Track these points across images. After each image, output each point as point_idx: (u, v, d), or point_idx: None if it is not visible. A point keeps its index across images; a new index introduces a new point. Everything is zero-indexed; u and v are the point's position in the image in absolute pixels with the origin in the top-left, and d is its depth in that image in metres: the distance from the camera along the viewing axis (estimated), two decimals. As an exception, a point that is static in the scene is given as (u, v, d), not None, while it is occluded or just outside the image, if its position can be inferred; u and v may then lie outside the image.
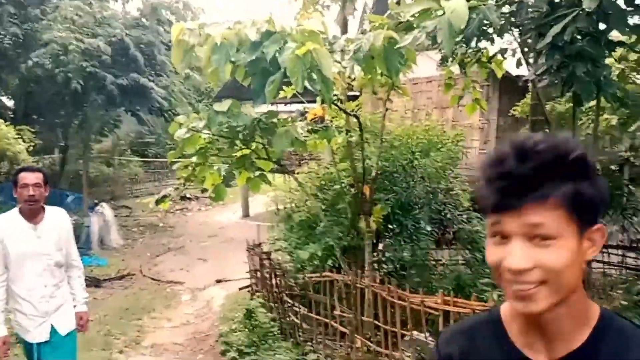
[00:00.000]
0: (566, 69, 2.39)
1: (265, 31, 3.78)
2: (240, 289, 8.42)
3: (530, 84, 8.43)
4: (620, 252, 7.98)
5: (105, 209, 12.94)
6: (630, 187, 10.27)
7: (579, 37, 2.42)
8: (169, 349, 6.35)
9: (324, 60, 3.44)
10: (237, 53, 3.94)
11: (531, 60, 3.84)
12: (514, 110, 10.86)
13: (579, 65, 2.32)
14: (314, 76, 3.76)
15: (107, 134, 16.08)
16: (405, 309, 4.01)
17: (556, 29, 2.30)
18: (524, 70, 9.90)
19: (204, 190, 17.45)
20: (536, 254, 0.89)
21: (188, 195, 18.83)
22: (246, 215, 16.33)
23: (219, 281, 9.53)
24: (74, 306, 3.57)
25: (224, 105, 4.30)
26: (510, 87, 11.79)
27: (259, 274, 7.35)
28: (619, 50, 3.66)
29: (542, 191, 0.89)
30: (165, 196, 5.00)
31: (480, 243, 7.05)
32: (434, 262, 7.22)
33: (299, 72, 3.39)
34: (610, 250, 7.65)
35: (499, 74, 6.43)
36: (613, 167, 8.90)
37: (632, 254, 8.04)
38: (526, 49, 3.71)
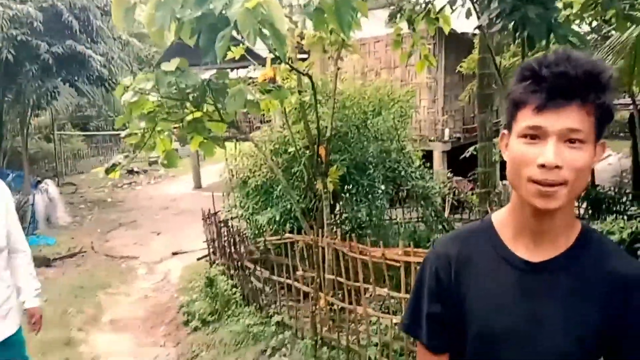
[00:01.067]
0: (518, 11, 2.44)
1: (212, -16, 3.60)
2: (198, 259, 8.33)
3: (477, 37, 8.53)
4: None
5: (50, 186, 12.39)
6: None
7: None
8: (129, 324, 6.24)
9: (275, 12, 3.32)
10: (182, 9, 3.76)
11: (481, 10, 3.85)
12: (460, 67, 11.01)
13: (530, 7, 2.38)
14: (266, 32, 3.64)
15: (45, 107, 15.25)
16: (367, 265, 4.06)
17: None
18: (469, 27, 10.01)
19: (151, 163, 16.87)
20: (566, 154, 1.00)
21: (136, 169, 18.32)
22: (198, 186, 16.05)
23: (175, 253, 9.37)
24: (23, 302, 2.93)
25: (171, 65, 4.11)
26: (455, 45, 11.94)
27: (216, 242, 7.28)
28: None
29: (586, 96, 1.00)
30: (114, 164, 4.78)
31: (432, 198, 7.20)
32: (388, 220, 7.34)
33: (251, 26, 3.26)
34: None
35: (447, 30, 6.44)
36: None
37: (574, 203, 8.41)
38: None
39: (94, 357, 5.36)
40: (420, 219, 6.94)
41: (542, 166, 1.00)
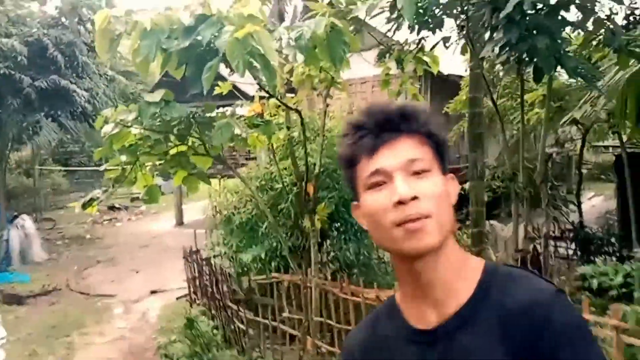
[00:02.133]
0: (525, 42, 2.36)
1: (200, 15, 3.52)
2: (177, 298, 8.03)
3: (464, 79, 8.57)
4: (552, 242, 8.27)
5: (26, 221, 12.05)
6: (554, 181, 10.73)
7: (533, 12, 2.41)
8: (103, 366, 5.91)
9: (266, 43, 3.23)
10: (168, 40, 3.65)
11: (480, 43, 3.82)
12: (447, 107, 11.09)
13: (539, 38, 2.30)
14: (256, 64, 3.54)
15: (26, 141, 15.00)
16: (356, 306, 3.87)
17: (513, 1, 2.26)
18: (454, 69, 10.06)
19: (133, 199, 16.57)
20: (417, 185, 0.94)
21: (117, 205, 17.96)
22: (180, 223, 15.75)
23: (154, 292, 9.04)
24: None
25: (156, 96, 3.97)
26: (441, 87, 12.06)
27: (197, 281, 7.03)
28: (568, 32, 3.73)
29: (411, 126, 0.98)
30: (92, 199, 4.57)
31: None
32: (376, 260, 7.17)
33: (240, 56, 3.16)
34: (541, 241, 7.91)
35: (435, 70, 6.44)
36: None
37: (563, 244, 8.37)
38: (475, 32, 3.67)
39: (64, 404, 5.03)
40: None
41: (399, 203, 0.93)
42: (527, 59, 2.47)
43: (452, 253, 0.98)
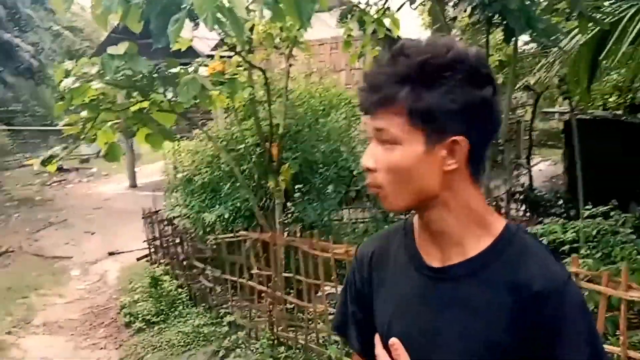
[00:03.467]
0: (498, 3, 2.47)
1: (165, -36, 3.42)
2: (138, 259, 7.97)
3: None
4: (502, 204, 8.66)
5: (-29, 182, 11.54)
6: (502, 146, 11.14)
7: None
8: (65, 326, 5.87)
9: (236, -3, 3.18)
10: (131, -9, 3.54)
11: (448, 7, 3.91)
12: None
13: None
14: (223, 19, 3.50)
15: (-34, 99, 14.26)
16: (317, 263, 4.00)
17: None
18: (409, 33, 10.08)
19: (83, 161, 16.04)
20: (380, 155, 0.95)
21: (66, 167, 17.38)
22: (133, 185, 15.44)
23: (111, 253, 8.93)
24: None
25: (120, 48, 3.86)
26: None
27: (159, 242, 7.01)
28: None
29: (385, 95, 0.93)
30: (52, 156, 4.45)
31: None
32: (337, 220, 7.32)
33: (209, 8, 3.11)
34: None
35: (396, 33, 6.51)
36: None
37: (513, 205, 8.77)
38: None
39: (28, 363, 5.01)
40: (372, 219, 6.95)
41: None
42: (498, 20, 2.58)
43: (462, 210, 0.98)
